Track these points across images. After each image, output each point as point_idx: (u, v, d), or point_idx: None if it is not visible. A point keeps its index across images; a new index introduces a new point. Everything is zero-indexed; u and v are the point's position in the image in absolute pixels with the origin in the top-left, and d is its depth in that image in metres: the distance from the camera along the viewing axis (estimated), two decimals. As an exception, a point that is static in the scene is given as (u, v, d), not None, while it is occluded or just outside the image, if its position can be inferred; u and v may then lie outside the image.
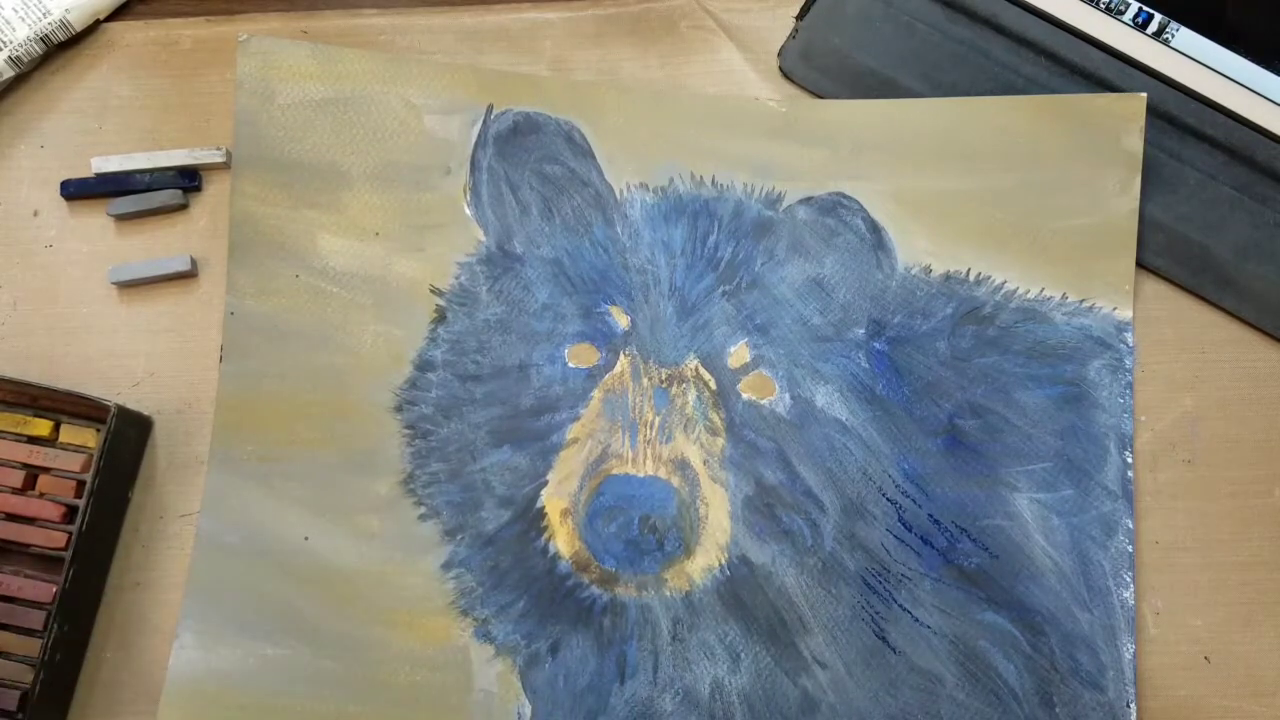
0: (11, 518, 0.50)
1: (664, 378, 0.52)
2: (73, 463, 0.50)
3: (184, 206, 0.55)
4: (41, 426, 0.51)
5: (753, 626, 0.50)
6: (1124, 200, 0.53)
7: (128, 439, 0.51)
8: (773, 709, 0.49)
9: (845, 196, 0.53)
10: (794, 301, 0.52)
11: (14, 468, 0.50)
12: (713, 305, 0.52)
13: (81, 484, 0.50)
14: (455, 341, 0.53)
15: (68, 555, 0.48)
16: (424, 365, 0.52)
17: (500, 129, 0.54)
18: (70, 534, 0.48)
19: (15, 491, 0.50)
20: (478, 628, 0.50)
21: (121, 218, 0.55)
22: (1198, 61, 0.54)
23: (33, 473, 0.50)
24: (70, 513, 0.50)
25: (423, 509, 0.51)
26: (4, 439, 0.51)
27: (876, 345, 0.52)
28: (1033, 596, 0.50)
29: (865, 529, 0.51)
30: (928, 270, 0.53)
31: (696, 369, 0.52)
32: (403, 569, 0.51)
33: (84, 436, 0.51)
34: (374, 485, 0.52)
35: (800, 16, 0.56)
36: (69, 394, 0.50)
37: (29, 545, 0.49)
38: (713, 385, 0.52)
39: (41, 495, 0.50)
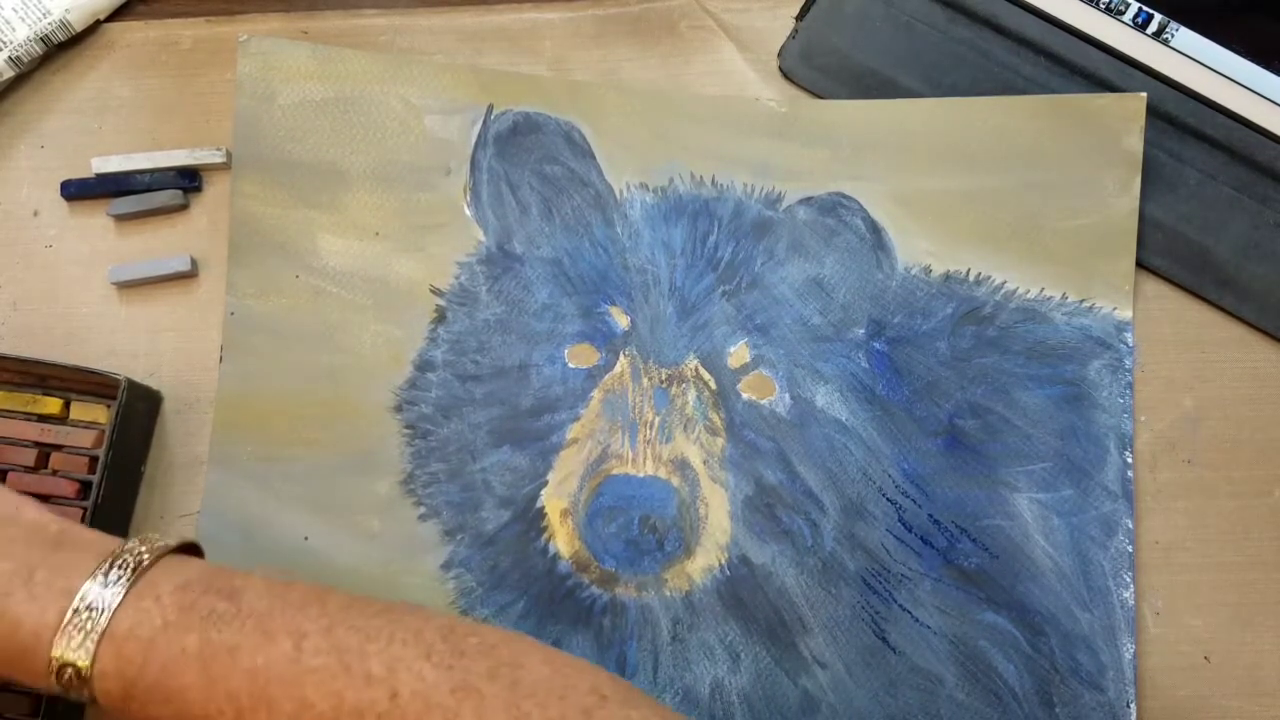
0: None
1: (664, 378, 0.52)
2: (85, 439, 0.51)
3: (184, 206, 0.55)
4: (51, 405, 0.51)
5: (753, 626, 0.50)
6: (1124, 200, 0.53)
7: (138, 413, 0.51)
8: (773, 709, 0.49)
9: (845, 196, 0.53)
10: (794, 301, 0.52)
11: (26, 446, 0.51)
12: (713, 305, 0.52)
13: (94, 460, 0.50)
14: (455, 341, 0.53)
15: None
16: (424, 365, 0.53)
17: (500, 129, 0.54)
18: (85, 509, 0.49)
19: (28, 470, 0.50)
20: (478, 628, 0.50)
21: (121, 218, 0.55)
22: (1198, 61, 0.54)
23: (45, 451, 0.51)
24: (85, 489, 0.50)
25: (423, 509, 0.51)
26: (14, 418, 0.51)
27: (876, 345, 0.52)
28: (1033, 596, 0.50)
29: (865, 529, 0.51)
30: (928, 270, 0.53)
31: (696, 369, 0.52)
32: (403, 569, 0.51)
33: (94, 413, 0.51)
34: (374, 485, 0.52)
35: (800, 16, 0.56)
36: (78, 370, 0.50)
37: None
38: (713, 385, 0.52)
39: (55, 473, 0.50)
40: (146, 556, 0.39)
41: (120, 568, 0.38)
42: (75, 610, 0.37)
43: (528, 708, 0.34)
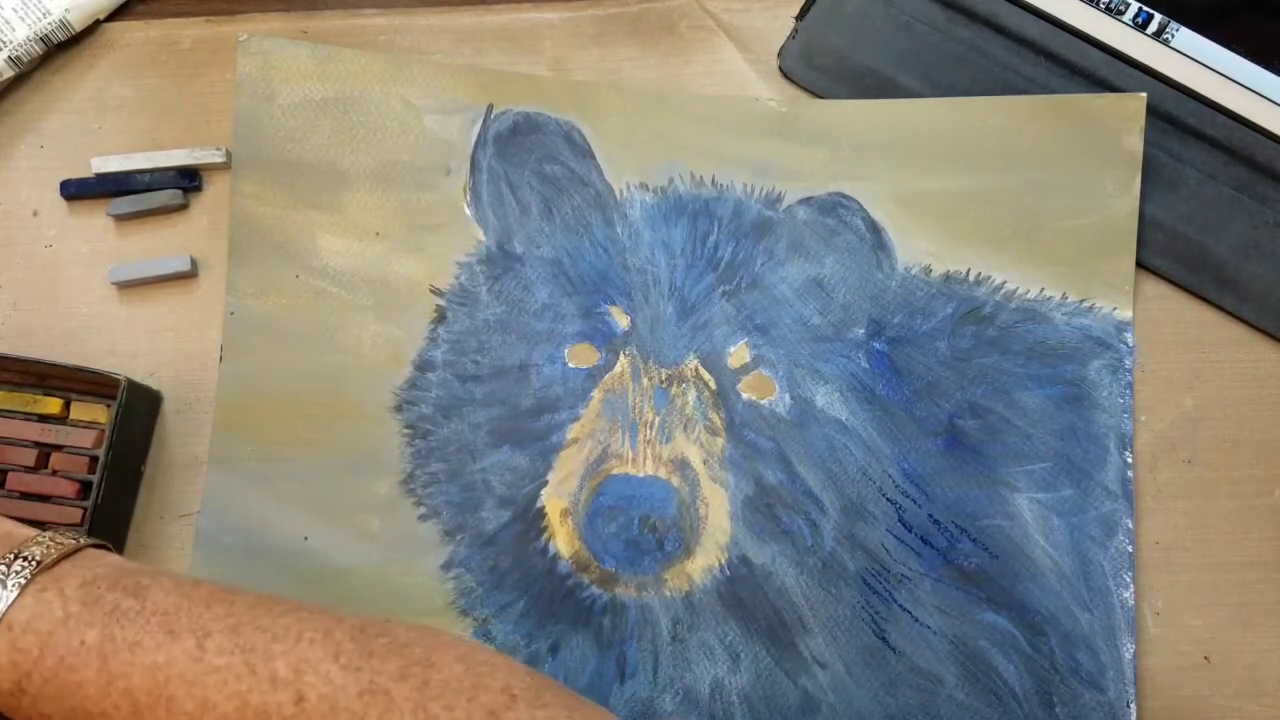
0: (27, 496, 0.50)
1: (664, 378, 0.52)
2: (85, 439, 0.51)
3: (184, 206, 0.55)
4: (51, 404, 0.51)
5: (752, 626, 0.50)
6: (1124, 200, 0.53)
7: (138, 413, 0.51)
8: (773, 709, 0.49)
9: (845, 196, 0.53)
10: (794, 301, 0.52)
11: (26, 446, 0.51)
12: (713, 305, 0.52)
13: (94, 460, 0.50)
14: (455, 341, 0.53)
15: (84, 530, 0.48)
16: (424, 365, 0.53)
17: (500, 129, 0.54)
18: (85, 509, 0.49)
19: (29, 470, 0.50)
20: (478, 628, 0.50)
21: (121, 218, 0.55)
22: (1198, 61, 0.54)
23: (45, 451, 0.51)
24: (85, 489, 0.50)
25: (423, 509, 0.51)
26: (14, 418, 0.51)
27: (876, 345, 0.52)
28: (1033, 596, 0.50)
29: (865, 529, 0.51)
30: (928, 270, 0.53)
31: (696, 369, 0.52)
32: (403, 569, 0.51)
33: (94, 413, 0.51)
34: (374, 485, 0.52)
35: (800, 16, 0.56)
36: (78, 369, 0.50)
37: (45, 523, 0.49)
38: (713, 385, 0.52)
39: (55, 473, 0.50)
40: (54, 551, 0.38)
41: (25, 559, 0.37)
42: None
43: (435, 710, 0.34)
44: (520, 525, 0.51)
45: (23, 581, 0.36)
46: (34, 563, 0.37)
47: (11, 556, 0.37)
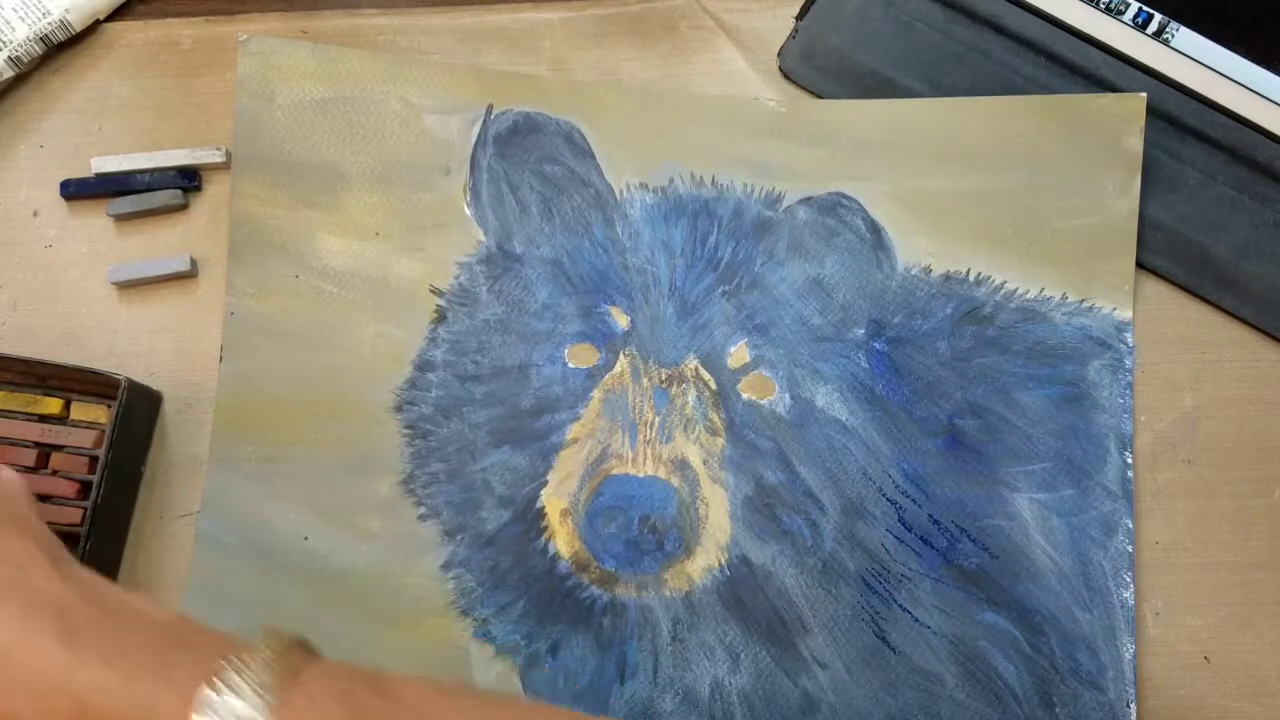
0: None
1: (664, 378, 0.52)
2: (85, 439, 0.51)
3: (184, 206, 0.55)
4: (52, 405, 0.51)
5: (753, 627, 0.50)
6: (1124, 200, 0.53)
7: (139, 413, 0.51)
8: (773, 709, 0.49)
9: (845, 196, 0.53)
10: (794, 301, 0.52)
11: (26, 447, 0.50)
12: (713, 305, 0.52)
13: (95, 460, 0.50)
14: (455, 341, 0.53)
15: (84, 530, 0.48)
16: (424, 365, 0.53)
17: (500, 129, 0.54)
18: (85, 509, 0.49)
19: (29, 470, 0.50)
20: (478, 628, 0.50)
21: (121, 218, 0.55)
22: (1198, 61, 0.54)
23: (45, 451, 0.51)
24: (85, 489, 0.50)
25: (423, 509, 0.51)
26: (15, 419, 0.51)
27: (876, 345, 0.52)
28: (1033, 597, 0.50)
29: (865, 529, 0.51)
30: (928, 270, 0.53)
31: (696, 369, 0.52)
32: (403, 569, 0.51)
33: (95, 413, 0.51)
34: (374, 485, 0.52)
35: (800, 16, 0.56)
36: (78, 370, 0.50)
37: (45, 523, 0.50)
38: (713, 385, 0.52)
39: (55, 473, 0.50)
40: (294, 648, 0.36)
41: (264, 665, 0.35)
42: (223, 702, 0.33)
43: None
44: (520, 525, 0.51)
45: (274, 686, 0.34)
46: (269, 667, 0.35)
47: (255, 661, 0.35)
